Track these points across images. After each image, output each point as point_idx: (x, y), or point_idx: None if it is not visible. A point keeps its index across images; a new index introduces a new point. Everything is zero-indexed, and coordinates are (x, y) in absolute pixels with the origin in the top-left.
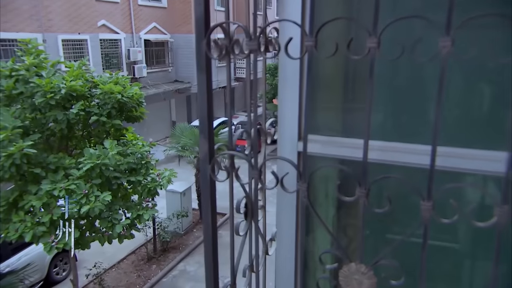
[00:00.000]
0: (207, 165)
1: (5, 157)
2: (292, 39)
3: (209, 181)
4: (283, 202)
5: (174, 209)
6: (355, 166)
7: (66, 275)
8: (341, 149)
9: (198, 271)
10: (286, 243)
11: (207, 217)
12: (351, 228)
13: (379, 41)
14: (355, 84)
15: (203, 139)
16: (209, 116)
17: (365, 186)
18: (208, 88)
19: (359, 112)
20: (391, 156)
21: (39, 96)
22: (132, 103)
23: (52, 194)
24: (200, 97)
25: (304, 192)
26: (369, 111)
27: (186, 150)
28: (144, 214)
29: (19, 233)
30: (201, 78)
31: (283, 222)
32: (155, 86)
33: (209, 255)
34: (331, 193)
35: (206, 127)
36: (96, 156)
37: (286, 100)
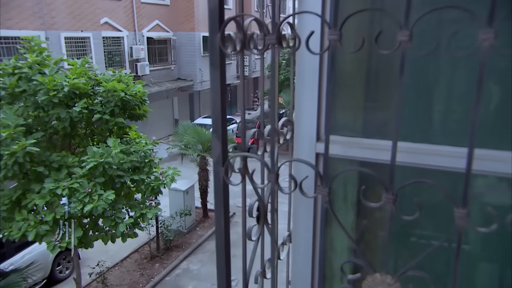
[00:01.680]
0: (220, 168)
1: (8, 156)
2: (313, 33)
3: (222, 184)
4: (299, 207)
5: (177, 208)
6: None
7: (69, 274)
8: (362, 150)
9: (201, 270)
10: (303, 251)
11: (220, 221)
12: (372, 235)
13: (411, 34)
14: (376, 81)
15: (216, 139)
16: (223, 115)
17: (393, 191)
18: (222, 85)
19: (381, 111)
20: (417, 159)
21: (42, 94)
22: (136, 101)
23: (55, 192)
24: (213, 95)
25: (325, 197)
26: (398, 110)
27: (189, 148)
28: (148, 213)
29: (22, 231)
30: (215, 75)
31: (299, 228)
32: (158, 84)
33: (221, 260)
34: (350, 197)
35: (219, 127)
36: (99, 154)
37: (304, 99)
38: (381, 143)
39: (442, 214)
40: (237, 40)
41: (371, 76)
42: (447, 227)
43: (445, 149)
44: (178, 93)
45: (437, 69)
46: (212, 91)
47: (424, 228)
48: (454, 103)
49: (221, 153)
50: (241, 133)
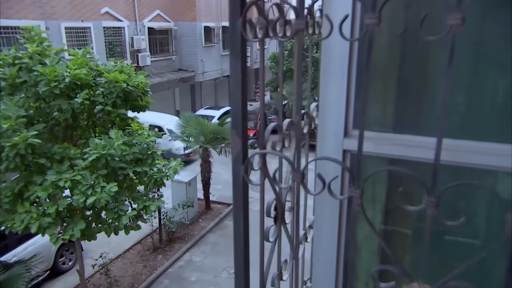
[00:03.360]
0: (239, 166)
1: (10, 147)
2: (348, 16)
3: (242, 184)
4: (323, 208)
5: (180, 199)
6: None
7: (72, 265)
8: (394, 147)
9: (204, 261)
10: (326, 254)
11: (239, 222)
12: (401, 238)
13: (464, 17)
14: (410, 71)
15: (235, 136)
16: (243, 109)
17: (435, 194)
18: (243, 76)
19: (415, 104)
20: (458, 157)
21: (43, 84)
22: (138, 92)
23: (58, 185)
24: (234, 87)
25: (357, 199)
26: (445, 103)
27: (191, 140)
28: (151, 205)
29: (25, 224)
30: (235, 65)
31: (322, 230)
32: (159, 75)
33: (240, 264)
34: (379, 197)
35: (240, 122)
36: (101, 146)
37: (330, 91)
38: (416, 139)
39: (482, 219)
40: (259, 25)
41: (404, 66)
42: (490, 232)
43: (489, 146)
44: (179, 84)
45: (481, 59)
46: (232, 83)
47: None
48: (501, 96)
49: (241, 150)
50: (261, 127)
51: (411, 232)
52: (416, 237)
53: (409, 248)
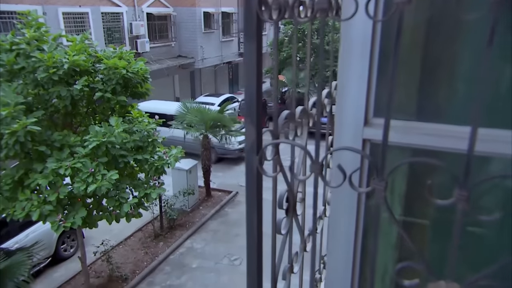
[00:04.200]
0: (254, 157)
1: (9, 135)
2: None
3: (256, 176)
4: (340, 200)
5: (180, 187)
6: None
7: (73, 252)
8: (417, 136)
9: (205, 248)
10: (342, 248)
11: (252, 216)
12: (420, 231)
13: None
14: (438, 54)
15: (249, 124)
16: (258, 94)
17: (467, 187)
18: (258, 60)
19: (442, 90)
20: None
21: (41, 71)
22: (137, 78)
23: (58, 172)
24: (248, 72)
25: (381, 192)
26: (483, 89)
27: (191, 127)
28: (152, 193)
29: (26, 211)
30: (250, 48)
31: (338, 224)
32: (158, 62)
33: (253, 258)
34: (398, 189)
35: (254, 109)
36: (101, 133)
37: (350, 76)
38: (442, 128)
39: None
40: (274, 6)
41: (430, 47)
42: None
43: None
44: (179, 71)
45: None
46: (246, 67)
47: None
48: None
49: (255, 140)
50: (275, 115)
51: (431, 226)
52: (436, 230)
53: (429, 242)
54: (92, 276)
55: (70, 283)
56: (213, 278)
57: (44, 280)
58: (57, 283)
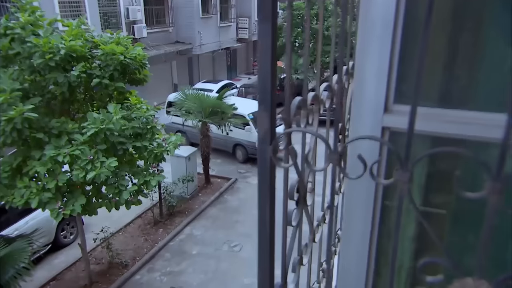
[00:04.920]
0: (267, 146)
1: (6, 122)
2: None
3: (270, 166)
4: (355, 191)
5: (180, 174)
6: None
7: (73, 239)
8: (441, 124)
9: (205, 235)
10: (357, 242)
11: (265, 209)
12: (440, 224)
13: None
14: (465, 35)
15: (263, 112)
16: (273, 80)
17: (501, 179)
18: (273, 42)
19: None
20: None
21: (37, 57)
22: (135, 64)
23: (57, 160)
24: (262, 55)
25: (405, 185)
26: None
27: (190, 114)
28: (151, 180)
29: (25, 199)
30: (264, 29)
31: (353, 216)
32: (156, 47)
33: (265, 253)
34: (418, 180)
35: (268, 95)
36: (100, 120)
37: (369, 59)
38: (467, 115)
39: None
40: None
41: (457, 28)
42: None
43: None
44: (176, 57)
45: None
46: (260, 49)
47: None
48: None
49: (269, 128)
50: (287, 101)
51: (453, 218)
52: (459, 223)
53: (449, 235)
54: (92, 263)
55: (71, 270)
56: (213, 264)
57: (44, 267)
58: (58, 269)
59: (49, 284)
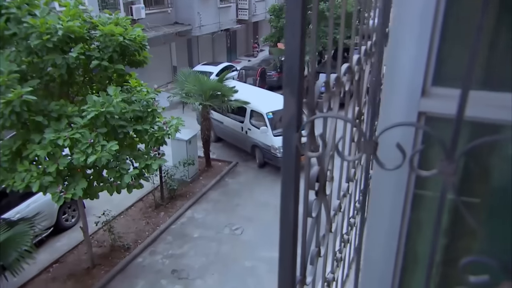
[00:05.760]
0: (293, 133)
1: (4, 104)
2: None
3: (295, 154)
4: (384, 182)
5: (180, 157)
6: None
7: (75, 222)
8: (487, 109)
9: (206, 218)
10: (385, 237)
11: (288, 201)
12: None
13: None
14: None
15: (289, 96)
16: (301, 60)
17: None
18: (303, 16)
19: None
20: None
21: (34, 37)
22: (135, 46)
23: (57, 143)
24: (290, 31)
25: (450, 177)
26: None
27: (190, 97)
28: (153, 164)
29: (26, 183)
30: (293, 2)
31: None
32: (154, 29)
33: (287, 248)
34: None
35: (296, 78)
36: (100, 103)
37: (406, 35)
38: None
39: None
40: None
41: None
42: None
43: None
44: (175, 39)
45: None
46: (287, 24)
47: None
48: None
49: (295, 114)
50: (311, 84)
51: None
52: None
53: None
54: (94, 246)
55: (73, 252)
56: (214, 247)
57: (47, 249)
58: (60, 252)
59: (52, 267)
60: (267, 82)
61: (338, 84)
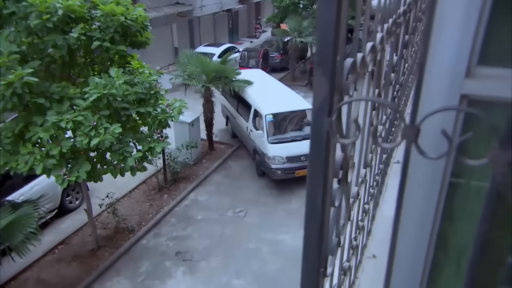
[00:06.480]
0: (324, 118)
1: (5, 86)
2: None
3: (326, 142)
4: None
5: (183, 140)
6: None
7: (79, 204)
8: None
9: (209, 201)
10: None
11: (316, 191)
12: None
13: None
14: None
15: (321, 76)
16: (336, 37)
17: None
18: None
19: None
20: None
21: (34, 17)
22: (137, 26)
23: (59, 125)
24: (323, 3)
25: (505, 167)
26: None
27: (192, 79)
28: (156, 146)
29: (29, 165)
30: None
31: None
32: (155, 9)
33: (313, 241)
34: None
35: (330, 56)
36: (102, 85)
37: (450, 8)
38: None
39: None
40: None
41: None
42: None
43: None
44: (177, 19)
45: None
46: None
47: None
48: None
49: (328, 96)
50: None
51: None
52: None
53: None
54: (98, 228)
55: (78, 234)
56: (218, 229)
57: (52, 231)
58: (65, 234)
59: (57, 248)
60: (270, 64)
61: (363, 64)
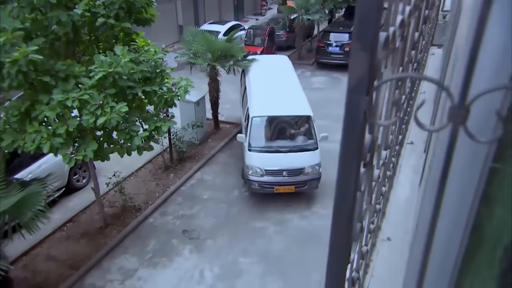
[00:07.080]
0: (361, 97)
1: (10, 64)
2: None
3: (361, 123)
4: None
5: (189, 119)
6: None
7: (86, 183)
8: None
9: (215, 180)
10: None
11: (348, 177)
12: None
13: None
14: None
15: (359, 51)
16: (379, 8)
17: None
18: None
19: None
20: None
21: None
22: (141, 2)
23: (65, 104)
24: None
25: None
26: None
27: (198, 57)
28: (162, 126)
29: (36, 144)
30: None
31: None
32: None
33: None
34: None
35: (371, 29)
36: (107, 63)
37: None
38: None
39: None
40: None
41: None
42: None
43: None
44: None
45: None
46: None
47: None
48: None
49: (366, 73)
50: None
51: None
52: None
53: None
54: (106, 206)
55: (85, 212)
56: (224, 208)
57: (60, 209)
58: (73, 212)
59: (66, 226)
60: (276, 42)
61: (394, 40)
